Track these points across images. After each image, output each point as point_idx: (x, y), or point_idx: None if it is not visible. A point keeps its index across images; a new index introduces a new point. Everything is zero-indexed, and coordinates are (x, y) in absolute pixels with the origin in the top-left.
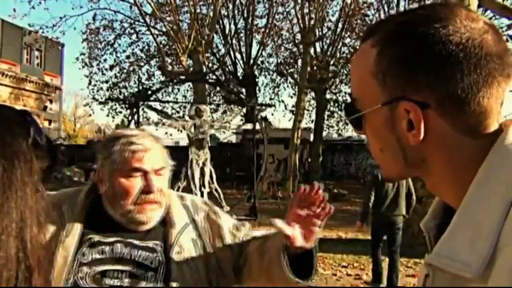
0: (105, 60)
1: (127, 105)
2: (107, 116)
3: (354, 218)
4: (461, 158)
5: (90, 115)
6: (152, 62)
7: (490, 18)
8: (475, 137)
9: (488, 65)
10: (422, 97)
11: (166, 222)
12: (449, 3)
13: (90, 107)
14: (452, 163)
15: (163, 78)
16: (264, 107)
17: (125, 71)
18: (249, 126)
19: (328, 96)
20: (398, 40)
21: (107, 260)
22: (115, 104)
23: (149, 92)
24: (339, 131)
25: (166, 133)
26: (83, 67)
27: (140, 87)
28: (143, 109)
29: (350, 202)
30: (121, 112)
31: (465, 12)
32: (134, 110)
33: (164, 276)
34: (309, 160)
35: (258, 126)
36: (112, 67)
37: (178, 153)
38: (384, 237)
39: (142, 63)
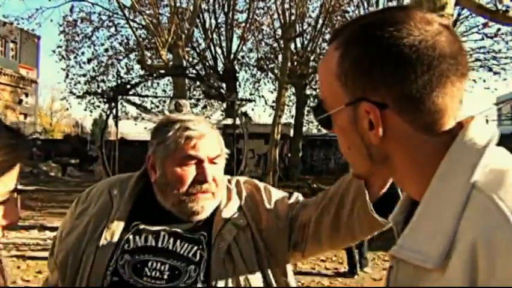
0: (83, 53)
1: (105, 99)
2: (85, 110)
3: None
4: (421, 154)
5: (67, 109)
6: (132, 56)
7: (467, 17)
8: (434, 135)
9: (441, 66)
10: (381, 97)
11: (215, 213)
12: (406, 7)
13: (67, 101)
14: (413, 160)
15: (142, 72)
16: (244, 102)
17: (103, 64)
18: (229, 121)
19: (308, 91)
20: (358, 43)
21: (150, 249)
22: (93, 98)
23: (128, 86)
24: (319, 127)
25: (146, 128)
26: (60, 60)
27: (119, 81)
28: (121, 103)
29: None
30: (99, 106)
31: (420, 15)
32: (113, 104)
33: (205, 270)
34: (289, 155)
35: (238, 121)
36: (89, 60)
37: None
38: None
39: (120, 57)
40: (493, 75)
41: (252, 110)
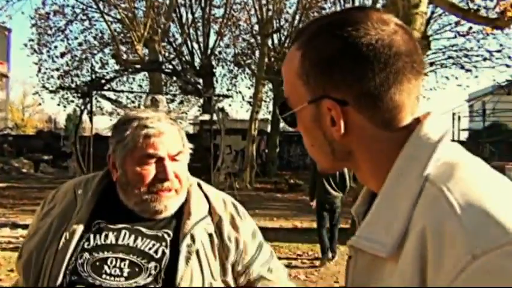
0: (56, 47)
1: (79, 94)
2: (58, 105)
3: (310, 208)
4: (380, 149)
5: (40, 104)
6: (106, 50)
7: (440, 15)
8: (392, 130)
9: (397, 63)
10: (341, 95)
11: (182, 212)
12: (365, 7)
13: (40, 95)
14: (372, 154)
15: (117, 67)
16: (221, 98)
17: (77, 58)
18: (206, 117)
19: None
20: (318, 42)
21: (110, 247)
22: (67, 93)
23: (103, 81)
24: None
25: None
26: (32, 54)
27: (94, 76)
28: (96, 98)
29: (306, 192)
30: (72, 101)
31: (377, 15)
32: (87, 99)
33: (168, 268)
34: (266, 151)
35: (215, 117)
36: (63, 54)
37: None
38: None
39: (95, 51)
40: (464, 73)
41: (230, 105)
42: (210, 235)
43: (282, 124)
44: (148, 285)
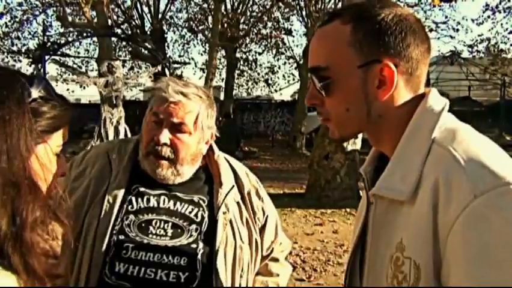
0: None
1: (30, 59)
2: None
3: (264, 174)
4: (403, 113)
5: None
6: (49, 12)
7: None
8: (413, 97)
9: (427, 41)
10: (392, 59)
11: (212, 180)
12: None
13: None
14: (397, 118)
15: (61, 30)
16: (179, 65)
17: (17, 20)
18: None
19: (238, 55)
20: (369, 17)
21: (153, 210)
22: (7, 57)
23: (56, 46)
24: (249, 90)
25: (68, 90)
26: None
27: (38, 39)
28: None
29: (260, 160)
30: (14, 66)
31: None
32: (40, 64)
33: (207, 231)
34: (220, 118)
35: None
36: (1, 15)
37: (90, 111)
38: None
39: (37, 12)
40: None
41: (181, 72)
42: (237, 203)
43: (235, 91)
44: (191, 244)
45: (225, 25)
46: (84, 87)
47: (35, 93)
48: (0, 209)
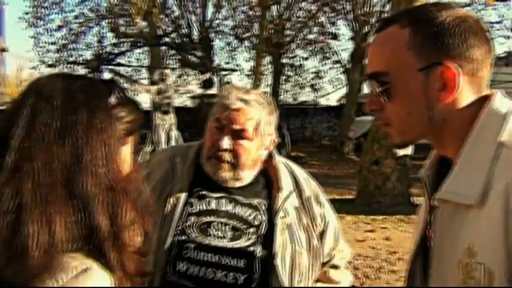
0: (52, 20)
1: (88, 69)
2: None
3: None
4: (466, 116)
5: None
6: (103, 23)
7: None
8: (476, 99)
9: (488, 41)
10: (453, 62)
11: (272, 185)
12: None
13: (38, 69)
14: (461, 121)
15: (114, 41)
16: (227, 72)
17: (74, 32)
18: (214, 90)
19: (284, 60)
20: (428, 21)
21: (213, 212)
22: (66, 67)
23: (111, 56)
24: (295, 96)
25: None
26: (27, 28)
27: (95, 50)
28: (101, 72)
29: (308, 165)
30: None
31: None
32: (97, 74)
33: (265, 234)
34: None
35: (214, 91)
36: (59, 28)
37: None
38: None
39: (91, 24)
40: None
41: (229, 79)
42: (296, 208)
43: (281, 97)
44: (249, 247)
45: (271, 31)
46: (136, 95)
47: (114, 99)
48: (101, 211)
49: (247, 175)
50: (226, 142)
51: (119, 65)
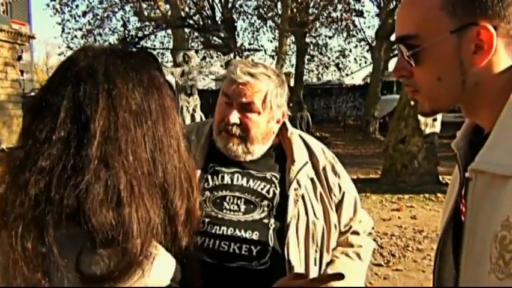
0: (77, 6)
1: None
2: None
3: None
4: (504, 80)
5: None
6: (127, 8)
7: None
8: None
9: None
10: (490, 22)
11: (285, 157)
12: None
13: (65, 56)
14: (497, 86)
15: (138, 25)
16: (251, 52)
17: (98, 17)
18: None
19: (308, 39)
20: None
21: (227, 187)
22: None
23: (137, 39)
24: (319, 75)
25: None
26: (54, 14)
27: (119, 35)
28: None
29: (332, 145)
30: None
31: None
32: None
33: (278, 206)
34: (291, 105)
35: None
36: (84, 13)
37: None
38: None
39: (116, 9)
40: None
41: (252, 60)
42: (311, 179)
43: (305, 77)
44: (263, 219)
45: (294, 10)
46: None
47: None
48: (179, 196)
49: (258, 148)
50: (234, 116)
51: (142, 48)
